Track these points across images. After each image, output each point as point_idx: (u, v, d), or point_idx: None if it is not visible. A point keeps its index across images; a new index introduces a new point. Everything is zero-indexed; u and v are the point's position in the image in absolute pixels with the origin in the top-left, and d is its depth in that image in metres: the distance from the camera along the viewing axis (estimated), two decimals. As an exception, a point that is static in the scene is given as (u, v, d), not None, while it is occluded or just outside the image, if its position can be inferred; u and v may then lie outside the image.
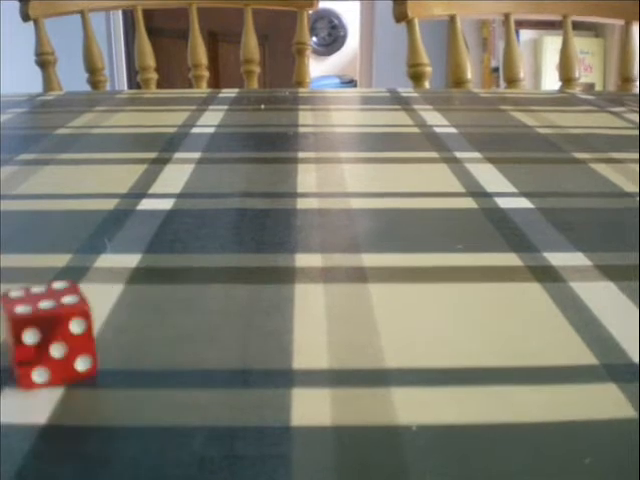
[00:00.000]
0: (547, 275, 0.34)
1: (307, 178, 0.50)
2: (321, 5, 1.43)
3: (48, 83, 1.14)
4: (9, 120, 0.72)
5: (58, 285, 0.26)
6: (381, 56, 2.95)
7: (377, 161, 0.55)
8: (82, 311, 0.24)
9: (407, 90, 0.91)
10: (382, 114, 0.75)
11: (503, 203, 0.44)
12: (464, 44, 1.12)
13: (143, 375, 0.25)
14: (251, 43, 1.22)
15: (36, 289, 0.26)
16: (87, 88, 1.15)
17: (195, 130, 0.66)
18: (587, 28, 2.33)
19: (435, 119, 0.71)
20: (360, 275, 0.34)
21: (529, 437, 0.22)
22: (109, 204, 0.44)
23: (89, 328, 0.25)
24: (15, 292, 0.25)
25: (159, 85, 1.21)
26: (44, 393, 0.24)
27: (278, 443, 0.22)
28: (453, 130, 0.66)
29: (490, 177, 0.50)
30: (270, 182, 0.49)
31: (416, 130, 0.66)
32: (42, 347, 0.24)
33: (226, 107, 0.77)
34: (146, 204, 0.44)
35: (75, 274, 0.34)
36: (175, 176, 0.50)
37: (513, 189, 0.47)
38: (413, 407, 0.24)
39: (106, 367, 0.26)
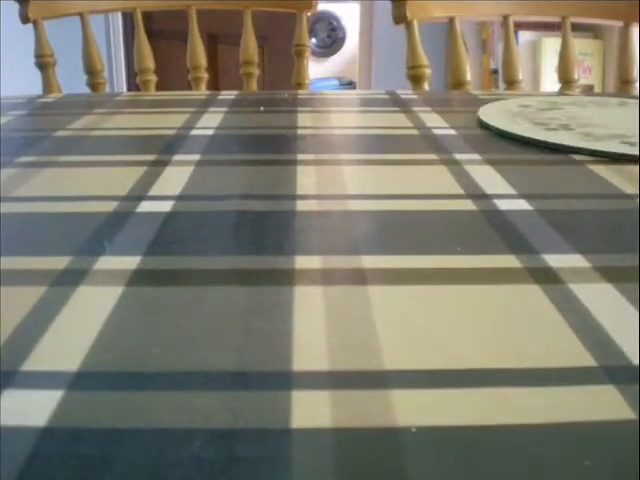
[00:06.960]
0: (546, 277, 0.34)
1: (306, 180, 0.50)
2: (320, 7, 1.43)
3: (47, 85, 1.14)
4: (8, 122, 0.72)
5: None
6: (380, 58, 2.95)
7: (376, 163, 0.55)
8: None
9: (406, 92, 0.91)
10: (381, 116, 0.75)
11: (502, 205, 0.44)
12: (463, 46, 1.12)
13: (142, 377, 0.25)
14: (250, 45, 1.22)
15: None
16: (86, 90, 1.15)
17: (194, 132, 0.66)
18: (586, 29, 2.34)
19: (434, 121, 0.71)
20: (359, 277, 0.34)
21: (528, 439, 0.22)
22: (108, 206, 0.44)
23: None
24: None
25: (158, 87, 1.21)
26: (43, 395, 0.24)
27: (278, 445, 0.22)
28: (452, 132, 0.66)
29: (489, 179, 0.50)
30: (269, 184, 0.49)
31: (415, 132, 0.66)
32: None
33: (225, 109, 0.77)
34: (145, 206, 0.44)
35: (75, 276, 0.34)
36: (174, 178, 0.50)
37: (512, 191, 0.47)
38: (413, 409, 0.24)
39: (105, 369, 0.26)
